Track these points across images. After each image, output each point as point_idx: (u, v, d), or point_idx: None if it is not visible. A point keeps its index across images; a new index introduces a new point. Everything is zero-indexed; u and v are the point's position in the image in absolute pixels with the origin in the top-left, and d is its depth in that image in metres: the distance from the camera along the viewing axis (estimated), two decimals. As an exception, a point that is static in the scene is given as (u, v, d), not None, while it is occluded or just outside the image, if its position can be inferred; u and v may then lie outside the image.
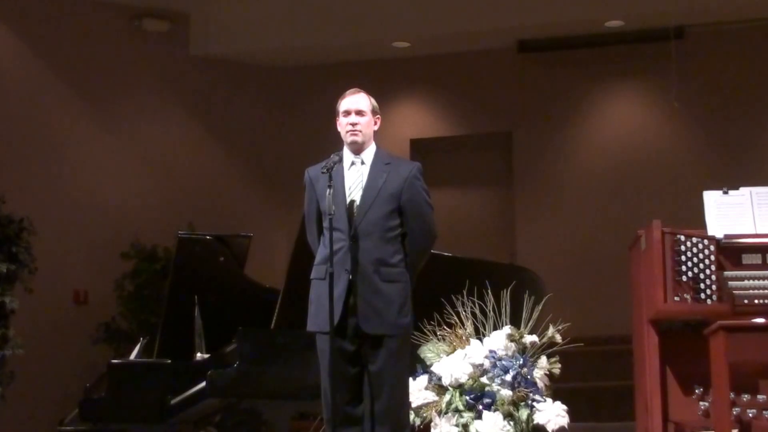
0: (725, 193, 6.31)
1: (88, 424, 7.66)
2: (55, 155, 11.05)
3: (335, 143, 5.78)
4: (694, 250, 6.03)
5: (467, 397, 6.32)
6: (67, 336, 10.65)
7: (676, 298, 5.99)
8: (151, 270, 10.96)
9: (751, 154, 11.27)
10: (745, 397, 5.87)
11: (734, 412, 5.75)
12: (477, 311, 6.54)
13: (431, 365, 6.55)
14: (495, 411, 6.26)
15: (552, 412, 6.32)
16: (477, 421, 6.26)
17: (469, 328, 6.56)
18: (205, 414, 7.46)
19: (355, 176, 5.61)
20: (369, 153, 5.67)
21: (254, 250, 8.35)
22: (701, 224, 6.21)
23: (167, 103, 11.91)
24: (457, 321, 6.56)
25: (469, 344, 6.52)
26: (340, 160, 5.61)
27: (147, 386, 7.43)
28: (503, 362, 6.41)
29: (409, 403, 6.03)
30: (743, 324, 5.68)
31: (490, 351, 6.45)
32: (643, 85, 11.87)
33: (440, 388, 6.44)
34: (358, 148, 5.65)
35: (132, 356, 8.13)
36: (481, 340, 6.54)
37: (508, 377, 6.37)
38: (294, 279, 7.03)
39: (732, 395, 5.67)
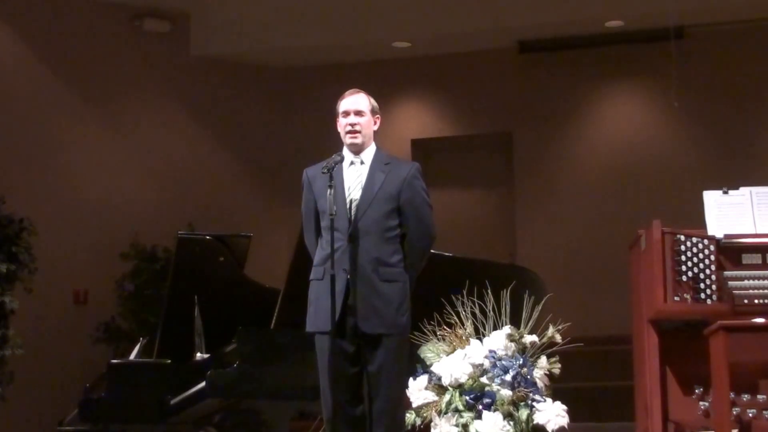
0: (725, 192, 6.31)
1: (87, 424, 7.67)
2: (56, 155, 11.05)
3: (336, 143, 5.79)
4: (694, 250, 6.03)
5: (467, 397, 6.31)
6: (67, 336, 10.65)
7: (676, 298, 5.98)
8: (150, 270, 10.97)
9: (751, 154, 11.27)
10: (745, 397, 5.87)
11: (734, 412, 5.75)
12: (477, 311, 6.53)
13: (431, 365, 6.54)
14: (495, 411, 6.25)
15: (552, 412, 6.31)
16: (477, 421, 6.25)
17: (469, 328, 6.56)
18: (205, 414, 7.46)
19: (355, 176, 5.62)
20: (369, 153, 5.68)
21: (254, 250, 8.36)
22: (701, 224, 6.21)
23: (168, 104, 11.92)
24: (457, 321, 6.56)
25: (468, 344, 6.51)
26: (342, 160, 5.62)
27: (147, 386, 7.44)
28: (503, 362, 6.40)
29: (407, 403, 6.04)
30: (743, 324, 5.68)
31: (490, 351, 6.44)
32: (644, 85, 11.87)
33: (440, 388, 6.43)
34: (357, 149, 5.66)
35: (132, 356, 8.14)
36: (480, 340, 6.53)
37: (508, 377, 6.36)
38: (294, 279, 7.04)
39: (732, 395, 5.67)
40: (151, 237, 11.00)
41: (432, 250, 5.85)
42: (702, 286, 5.99)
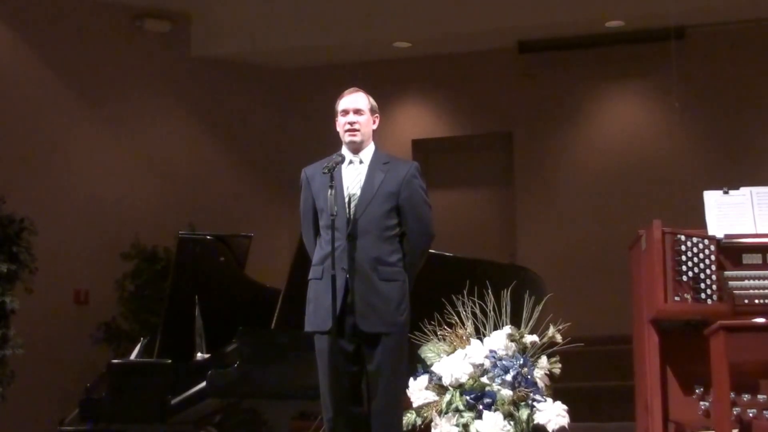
0: (725, 192, 6.31)
1: (88, 424, 7.67)
2: (56, 155, 11.06)
3: (336, 143, 5.80)
4: (695, 249, 6.02)
5: (467, 397, 6.31)
6: (68, 336, 10.65)
7: (677, 298, 5.98)
8: (151, 270, 10.97)
9: (752, 154, 11.28)
10: (746, 396, 5.86)
11: (734, 412, 5.74)
12: (477, 311, 6.54)
13: (432, 365, 6.54)
14: (495, 411, 6.25)
15: (552, 412, 6.31)
16: (477, 421, 6.25)
17: (470, 328, 6.56)
18: (206, 414, 7.45)
19: (354, 175, 5.63)
20: (368, 152, 5.69)
21: (255, 249, 8.35)
22: (702, 224, 6.21)
23: (168, 104, 11.92)
24: (458, 321, 6.56)
25: (469, 344, 6.52)
26: (342, 161, 5.63)
27: (147, 386, 7.43)
28: (503, 362, 6.41)
29: (407, 403, 6.05)
30: (743, 324, 5.68)
31: (491, 351, 6.45)
32: (644, 85, 11.88)
33: (441, 388, 6.44)
34: (356, 148, 5.67)
35: (132, 356, 8.14)
36: (481, 340, 6.54)
37: (509, 377, 6.36)
38: (295, 278, 7.03)
39: (732, 395, 5.66)
40: (151, 237, 11.00)
41: (432, 250, 5.86)
42: (702, 286, 5.99)
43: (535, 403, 6.32)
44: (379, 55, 12.14)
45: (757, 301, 5.98)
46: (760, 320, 5.80)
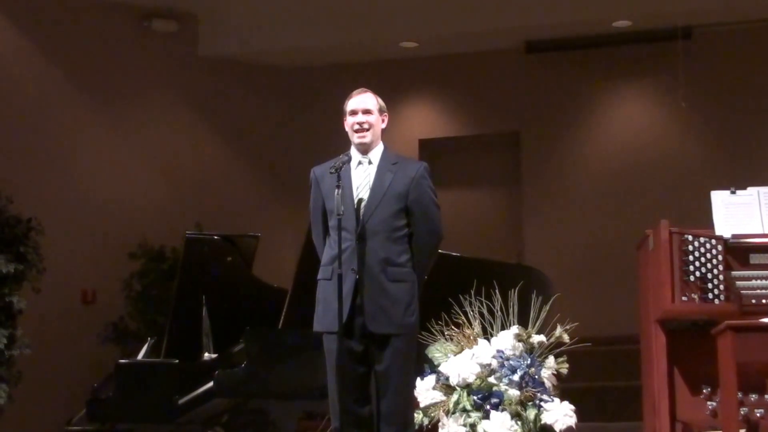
0: (733, 193, 6.30)
1: (95, 423, 7.69)
2: (64, 155, 11.07)
3: (343, 143, 5.80)
4: (702, 250, 6.02)
5: (475, 397, 6.31)
6: (75, 336, 10.66)
7: (684, 298, 5.98)
8: (158, 270, 10.97)
9: (759, 154, 11.25)
10: (753, 396, 5.85)
11: (742, 412, 5.74)
12: (485, 311, 6.54)
13: (439, 365, 6.55)
14: (503, 411, 6.25)
15: (560, 412, 6.31)
16: (485, 421, 6.25)
17: (477, 327, 6.56)
18: (213, 414, 7.47)
19: (363, 176, 5.62)
20: (376, 153, 5.68)
21: (262, 250, 8.36)
22: (709, 224, 6.20)
23: (175, 104, 11.93)
24: (465, 321, 6.56)
25: (476, 344, 6.52)
26: (349, 161, 5.63)
27: (154, 386, 7.45)
28: (511, 362, 6.41)
29: (415, 402, 6.05)
30: (751, 324, 5.67)
31: (498, 351, 6.45)
32: (651, 85, 11.86)
33: (448, 388, 6.44)
34: (365, 148, 5.66)
35: (140, 356, 8.15)
36: (488, 339, 6.54)
37: (516, 377, 6.36)
38: (302, 278, 7.05)
39: (740, 395, 5.66)
40: (159, 237, 11.01)
41: (439, 250, 5.86)
42: (710, 286, 5.98)
43: (542, 403, 6.33)
44: (386, 54, 12.15)
45: (764, 301, 5.98)
46: (768, 320, 5.80)
